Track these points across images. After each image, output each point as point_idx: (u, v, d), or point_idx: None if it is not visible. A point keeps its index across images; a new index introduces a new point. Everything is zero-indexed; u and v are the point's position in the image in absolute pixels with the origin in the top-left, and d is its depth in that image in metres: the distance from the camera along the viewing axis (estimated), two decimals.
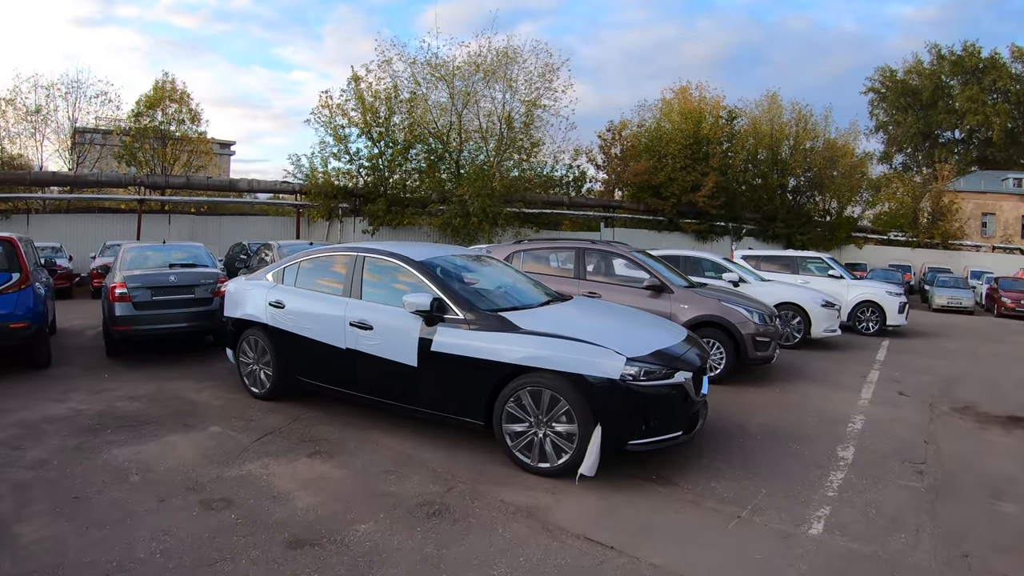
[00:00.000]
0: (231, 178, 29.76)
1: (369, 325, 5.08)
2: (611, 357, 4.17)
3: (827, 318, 10.33)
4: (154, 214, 23.75)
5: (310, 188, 25.04)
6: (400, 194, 25.88)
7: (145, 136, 27.57)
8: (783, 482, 4.56)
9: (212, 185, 27.12)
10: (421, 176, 26.70)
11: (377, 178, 25.75)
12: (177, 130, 28.63)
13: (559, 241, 9.54)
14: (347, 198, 25.63)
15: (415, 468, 4.59)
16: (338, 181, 25.40)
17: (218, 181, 28.07)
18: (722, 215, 30.45)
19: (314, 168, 25.39)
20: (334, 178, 25.40)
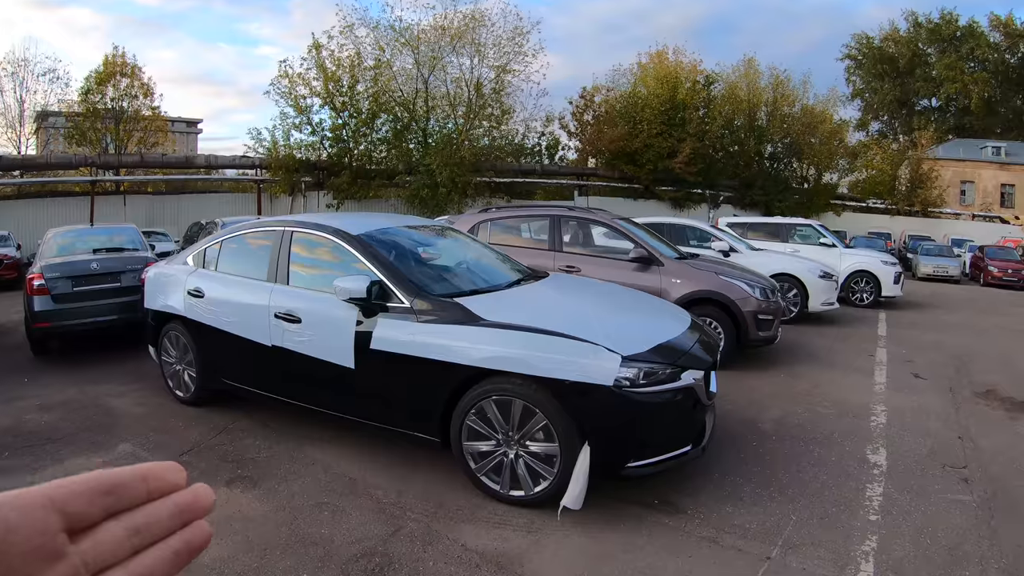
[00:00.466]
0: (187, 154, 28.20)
1: (296, 317, 4.06)
2: (601, 357, 3.20)
3: (825, 290, 9.47)
4: (109, 196, 22.52)
5: (271, 162, 24.01)
6: (366, 166, 25.12)
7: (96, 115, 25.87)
8: (814, 502, 3.69)
9: (168, 163, 25.85)
10: (387, 147, 25.67)
11: (341, 150, 24.94)
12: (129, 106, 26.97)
13: (531, 209, 8.38)
14: (310, 171, 24.70)
15: (357, 499, 3.62)
16: (300, 154, 24.56)
17: (174, 158, 26.74)
18: (699, 182, 29.73)
19: (275, 141, 24.33)
20: (296, 151, 24.41)
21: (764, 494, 3.78)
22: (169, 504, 0.40)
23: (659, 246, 7.22)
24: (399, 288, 3.73)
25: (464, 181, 23.09)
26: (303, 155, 24.54)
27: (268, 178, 24.66)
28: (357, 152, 25.19)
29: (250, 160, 25.09)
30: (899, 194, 34.82)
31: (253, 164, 25.12)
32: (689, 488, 3.77)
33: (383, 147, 26.03)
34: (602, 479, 3.39)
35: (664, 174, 28.81)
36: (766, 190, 31.31)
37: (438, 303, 3.66)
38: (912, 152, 35.86)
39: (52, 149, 26.36)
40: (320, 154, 25.01)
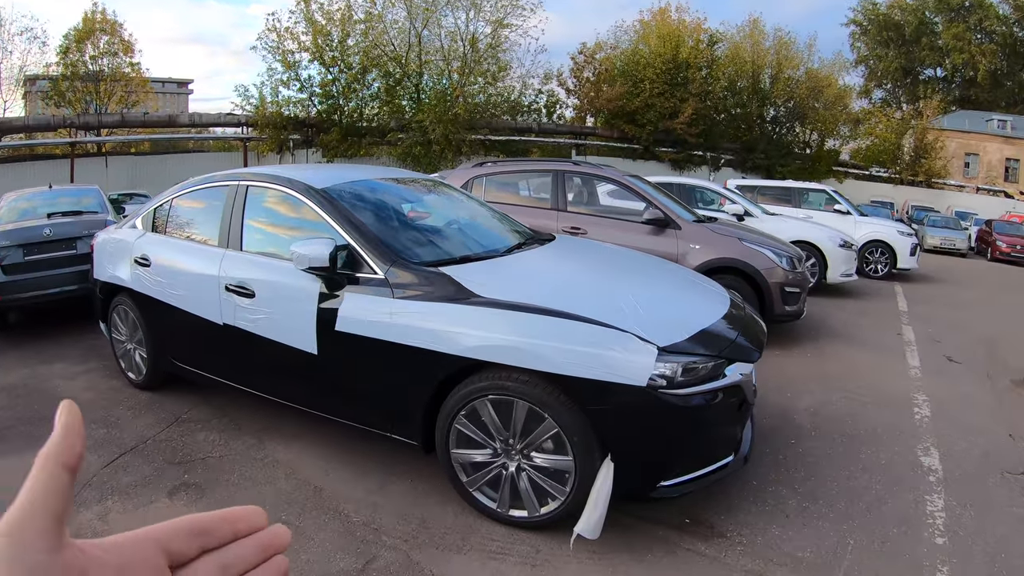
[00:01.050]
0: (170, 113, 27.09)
1: (249, 290, 3.32)
2: (632, 348, 2.48)
3: (845, 260, 8.76)
4: (90, 158, 21.74)
5: (257, 119, 23.25)
6: (356, 123, 24.41)
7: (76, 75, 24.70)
8: (871, 520, 3.07)
9: (150, 122, 24.92)
10: (379, 103, 24.83)
11: (331, 106, 24.32)
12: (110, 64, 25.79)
13: (532, 163, 7.51)
14: (298, 129, 23.99)
15: (322, 516, 2.94)
16: (288, 111, 23.74)
17: (156, 117, 25.73)
18: (700, 144, 29.14)
19: (263, 98, 23.47)
20: (284, 108, 23.56)
21: (813, 509, 3.14)
22: (253, 542, 0.44)
23: (675, 207, 6.46)
24: (371, 254, 2.99)
25: (458, 138, 22.29)
26: (291, 112, 23.96)
27: (255, 136, 23.90)
28: (347, 109, 24.69)
29: (236, 118, 24.59)
30: (903, 163, 34.08)
31: (239, 122, 24.65)
32: (724, 501, 3.12)
33: (375, 104, 25.41)
34: (627, 501, 2.73)
35: (664, 135, 28.11)
36: (768, 154, 30.71)
37: (420, 274, 2.93)
38: (917, 121, 34.99)
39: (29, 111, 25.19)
40: (309, 111, 24.47)
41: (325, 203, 3.23)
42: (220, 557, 0.43)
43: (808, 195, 12.40)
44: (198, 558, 0.42)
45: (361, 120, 24.97)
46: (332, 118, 24.24)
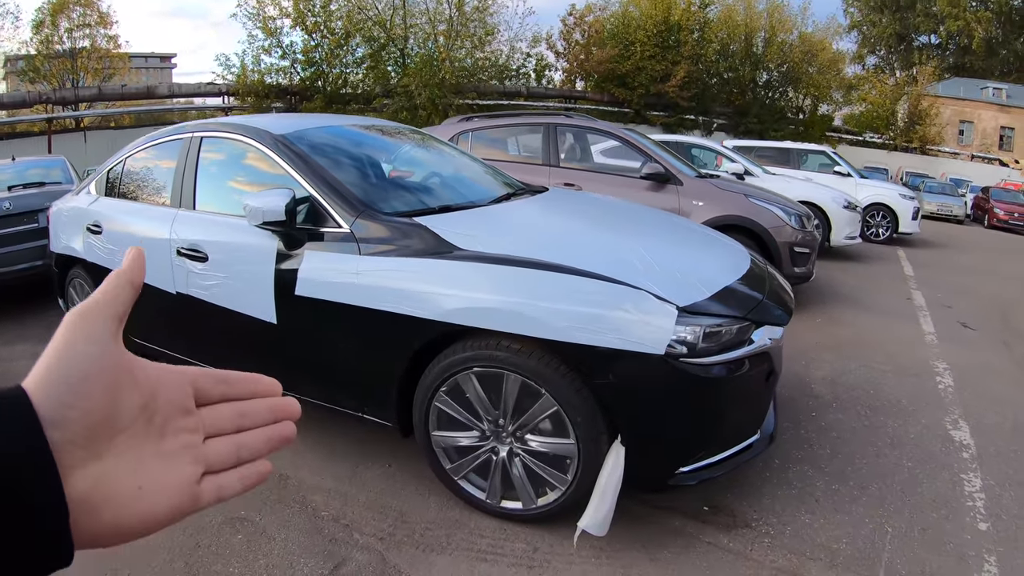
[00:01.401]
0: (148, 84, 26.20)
1: (202, 253, 2.87)
2: (647, 308, 2.05)
3: (849, 222, 8.33)
4: (68, 133, 21.01)
5: (239, 88, 22.61)
6: (340, 90, 23.77)
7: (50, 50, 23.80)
8: (908, 504, 2.73)
9: (128, 94, 24.20)
10: (364, 69, 24.19)
11: (314, 73, 23.89)
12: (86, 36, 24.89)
13: (521, 117, 7.00)
14: (281, 97, 23.42)
15: (287, 510, 2.55)
16: (271, 79, 23.06)
17: (135, 89, 24.95)
18: (692, 108, 28.56)
19: (244, 66, 22.84)
20: (266, 75, 22.97)
21: (844, 492, 2.78)
22: (268, 402, 0.47)
23: (675, 162, 6.02)
24: (335, 205, 2.54)
25: (445, 103, 21.68)
26: (273, 80, 23.41)
27: (237, 106, 23.30)
28: (331, 75, 24.15)
29: (217, 87, 24.06)
30: (897, 129, 33.64)
31: (220, 91, 24.06)
32: (746, 484, 2.76)
33: (359, 70, 24.87)
34: (640, 491, 2.35)
35: (656, 98, 27.56)
36: (761, 119, 30.24)
37: (392, 225, 2.48)
38: (911, 87, 34.46)
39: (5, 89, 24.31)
40: (292, 78, 23.90)
41: (284, 150, 2.76)
42: (237, 407, 0.45)
43: (807, 156, 11.97)
44: (219, 403, 0.45)
45: (345, 87, 24.46)
46: (315, 85, 23.78)
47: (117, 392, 0.38)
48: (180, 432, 0.42)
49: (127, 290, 0.41)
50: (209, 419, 0.44)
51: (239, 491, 0.44)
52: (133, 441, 0.39)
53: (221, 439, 0.44)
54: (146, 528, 0.39)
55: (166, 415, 0.41)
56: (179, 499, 0.41)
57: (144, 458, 0.39)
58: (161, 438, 0.41)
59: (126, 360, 0.39)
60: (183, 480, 0.41)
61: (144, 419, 0.40)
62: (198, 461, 0.42)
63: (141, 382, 0.40)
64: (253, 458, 0.45)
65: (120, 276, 0.41)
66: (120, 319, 0.40)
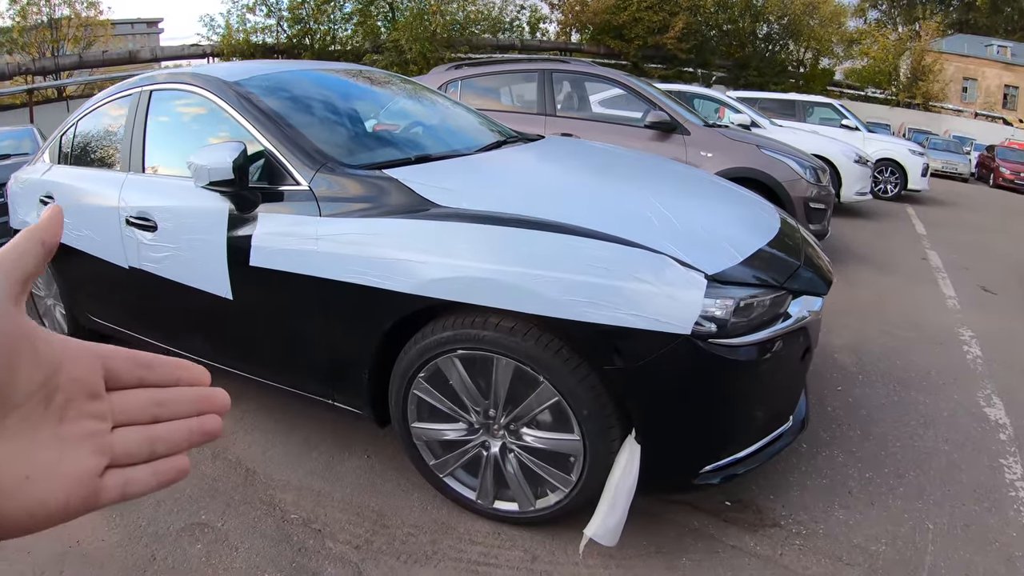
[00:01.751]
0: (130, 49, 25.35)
1: (151, 222, 2.48)
2: (670, 277, 1.67)
3: (860, 177, 7.89)
4: (50, 104, 20.43)
5: (223, 49, 21.98)
6: (329, 47, 23.12)
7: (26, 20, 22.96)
8: (947, 494, 2.44)
9: (109, 60, 23.61)
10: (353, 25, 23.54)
11: (301, 31, 23.16)
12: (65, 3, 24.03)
13: (515, 64, 6.46)
14: (267, 56, 22.78)
15: (252, 512, 2.22)
16: (257, 38, 22.26)
17: (116, 54, 24.32)
18: (691, 60, 27.80)
19: (229, 26, 22.20)
20: (252, 35, 22.24)
21: (879, 481, 2.48)
22: (192, 392, 0.41)
23: (682, 110, 5.59)
24: (292, 158, 2.13)
25: (436, 57, 20.95)
26: (259, 39, 22.83)
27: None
28: (319, 32, 23.45)
29: (201, 49, 23.59)
30: (899, 85, 32.92)
31: (204, 53, 23.54)
32: (771, 473, 2.45)
33: (347, 26, 24.27)
34: (661, 493, 2.03)
35: (654, 51, 26.82)
36: (761, 72, 29.59)
37: (357, 180, 2.09)
38: (914, 43, 33.61)
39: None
40: (278, 37, 23.33)
41: (237, 98, 2.35)
42: (156, 393, 0.40)
43: (812, 109, 11.46)
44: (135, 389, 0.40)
45: (334, 43, 23.77)
46: (303, 43, 23.08)
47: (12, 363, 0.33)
48: (83, 417, 0.36)
49: (36, 249, 0.36)
50: (120, 406, 0.38)
51: (151, 488, 0.39)
52: (25, 423, 0.33)
53: (132, 429, 0.38)
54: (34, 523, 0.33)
55: (68, 396, 0.36)
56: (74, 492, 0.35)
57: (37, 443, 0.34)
58: (60, 422, 0.35)
59: (26, 328, 0.34)
60: (81, 471, 0.35)
61: (42, 398, 0.34)
62: (102, 452, 0.36)
63: (42, 355, 0.34)
64: (170, 452, 0.39)
65: (31, 232, 0.36)
66: (25, 281, 0.35)
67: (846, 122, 10.86)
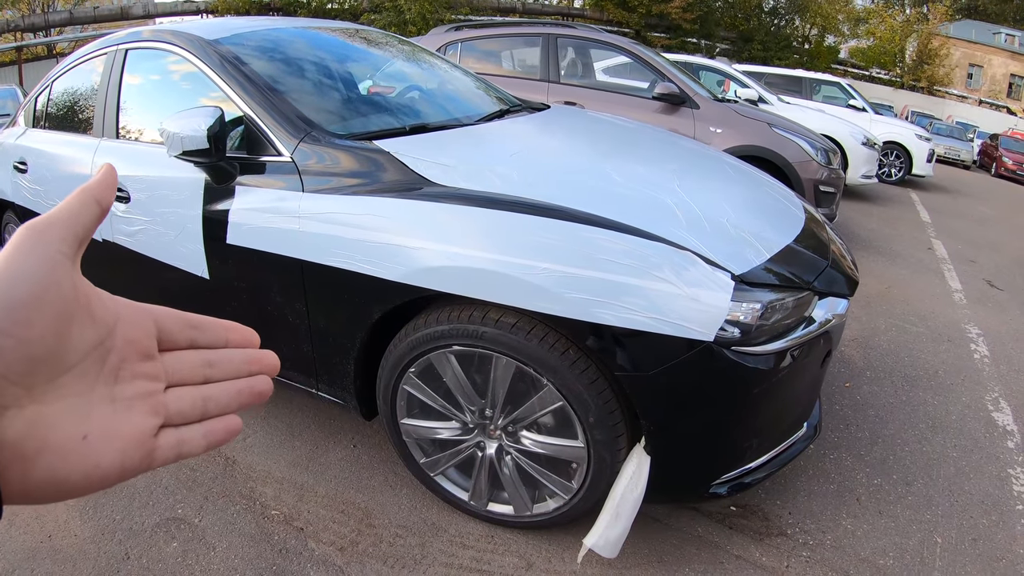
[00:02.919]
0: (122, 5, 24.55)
1: (124, 192, 2.28)
2: (694, 277, 1.50)
3: (867, 160, 7.71)
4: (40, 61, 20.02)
5: (218, 5, 21.37)
6: (326, 5, 22.48)
7: None
8: (956, 506, 2.35)
9: (100, 16, 22.96)
10: None
11: None
12: None
13: (518, 27, 6.16)
14: (263, 13, 22.01)
15: (230, 507, 2.09)
16: None
17: (107, 10, 23.58)
18: (695, 31, 27.23)
19: None
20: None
21: (888, 488, 2.38)
22: (242, 353, 0.41)
23: (691, 83, 5.37)
24: (275, 126, 1.94)
25: (436, 18, 20.46)
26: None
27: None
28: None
29: (195, 5, 22.97)
30: (905, 67, 32.47)
31: (198, 10, 22.97)
32: (779, 477, 2.34)
33: None
34: (668, 503, 1.91)
35: (657, 19, 26.27)
36: (766, 46, 29.18)
37: (345, 152, 1.88)
38: (922, 25, 33.05)
39: None
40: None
41: (216, 58, 2.15)
42: (207, 355, 0.39)
43: (820, 87, 11.21)
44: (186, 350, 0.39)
45: (331, 2, 23.13)
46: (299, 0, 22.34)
47: (67, 324, 0.32)
48: (137, 378, 0.36)
49: (92, 208, 0.34)
50: (173, 366, 0.38)
51: (203, 449, 0.38)
52: (82, 383, 0.33)
53: (185, 389, 0.38)
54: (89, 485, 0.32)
55: (123, 356, 0.35)
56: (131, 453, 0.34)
57: (93, 403, 0.33)
58: (114, 383, 0.34)
59: (82, 288, 0.33)
60: (137, 432, 0.34)
61: (97, 359, 0.34)
62: (157, 412, 0.36)
63: (98, 316, 0.34)
64: (221, 413, 0.39)
65: (86, 191, 0.35)
66: (81, 240, 0.33)
67: (853, 102, 10.65)
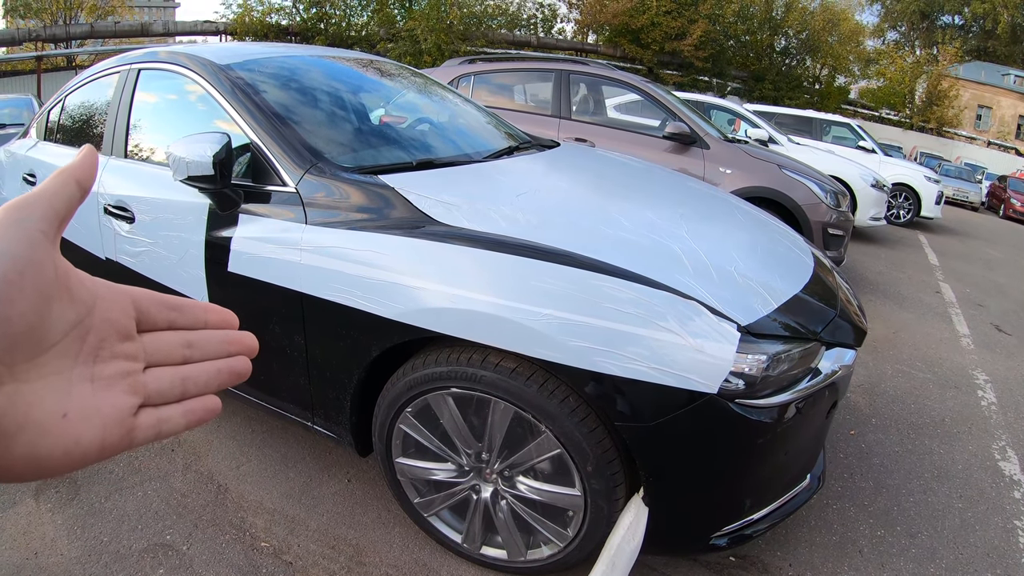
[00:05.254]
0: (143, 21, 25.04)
1: (129, 213, 2.29)
2: (699, 328, 1.47)
3: (876, 202, 7.68)
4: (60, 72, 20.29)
5: (236, 27, 21.69)
6: (344, 32, 22.79)
7: None
8: (961, 559, 2.29)
9: (121, 32, 23.34)
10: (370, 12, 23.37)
11: (317, 14, 22.90)
12: None
13: (531, 62, 6.22)
14: (281, 38, 22.59)
15: (219, 535, 2.06)
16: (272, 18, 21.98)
17: (128, 26, 24.05)
18: (707, 69, 27.38)
19: (247, 5, 21.80)
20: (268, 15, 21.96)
21: (891, 540, 2.31)
22: (221, 335, 0.41)
23: (702, 122, 5.38)
24: (281, 156, 1.93)
25: (451, 49, 20.69)
26: (274, 19, 22.55)
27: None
28: (334, 16, 23.29)
29: (215, 26, 23.30)
30: (914, 108, 32.66)
31: (218, 30, 23.23)
32: (780, 525, 2.27)
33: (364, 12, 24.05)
34: (667, 555, 1.86)
35: (670, 57, 26.45)
36: (777, 85, 29.28)
37: (350, 185, 1.86)
38: (931, 67, 33.32)
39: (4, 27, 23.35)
40: (294, 19, 23.07)
41: (226, 84, 2.16)
42: (186, 335, 0.40)
43: (830, 128, 11.26)
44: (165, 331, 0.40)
45: (349, 29, 23.47)
46: (317, 27, 22.78)
47: (47, 302, 0.32)
48: (116, 357, 0.36)
49: (72, 188, 0.35)
50: (152, 347, 0.38)
51: (183, 427, 0.38)
52: (61, 362, 0.33)
53: (164, 369, 0.38)
54: (70, 462, 0.33)
55: (102, 336, 0.36)
56: (111, 431, 0.35)
57: (72, 382, 0.33)
58: (94, 362, 0.35)
59: (61, 267, 0.33)
60: (117, 410, 0.35)
61: (76, 337, 0.34)
62: (136, 391, 0.36)
63: (76, 295, 0.34)
64: (200, 393, 0.39)
65: (65, 172, 0.35)
66: (61, 220, 0.34)
67: (863, 143, 10.67)
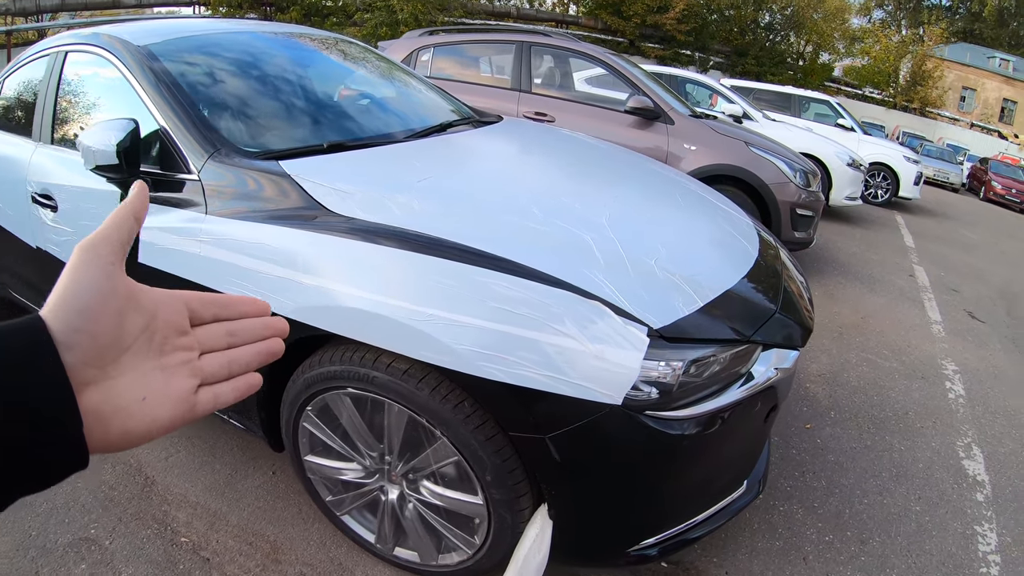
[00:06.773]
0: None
1: (52, 201, 2.12)
2: (602, 332, 1.30)
3: (852, 181, 7.55)
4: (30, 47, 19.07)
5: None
6: (319, 3, 22.20)
7: None
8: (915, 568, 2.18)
9: (92, 3, 22.25)
10: None
11: None
12: None
13: (493, 33, 5.92)
14: (255, 6, 21.73)
15: (142, 530, 1.92)
16: None
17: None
18: (689, 43, 27.00)
19: None
20: None
21: (839, 547, 2.20)
22: (258, 322, 0.49)
23: (668, 97, 5.16)
24: (187, 141, 1.77)
25: (429, 20, 20.12)
26: None
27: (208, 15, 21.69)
28: None
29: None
30: (898, 87, 32.58)
31: (191, 1, 22.13)
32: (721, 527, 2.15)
33: None
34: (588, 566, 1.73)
35: (652, 30, 25.98)
36: (760, 61, 28.95)
37: (246, 172, 1.70)
38: (917, 47, 33.20)
39: None
40: None
41: (139, 65, 1.98)
42: (229, 325, 0.47)
43: (809, 105, 11.10)
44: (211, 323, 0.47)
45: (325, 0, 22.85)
46: None
47: (122, 316, 0.40)
48: (177, 349, 0.43)
49: (130, 222, 0.43)
50: (203, 337, 0.46)
51: (233, 399, 0.46)
52: (136, 358, 0.41)
53: (214, 354, 0.46)
54: (151, 433, 0.41)
55: (165, 334, 0.43)
56: (179, 407, 0.42)
57: (146, 373, 0.41)
58: (161, 355, 0.42)
59: (129, 286, 0.41)
60: (182, 390, 0.43)
61: (146, 338, 0.41)
62: (194, 374, 0.44)
63: (142, 305, 0.42)
64: (243, 371, 0.47)
65: (124, 209, 0.43)
66: (124, 249, 0.41)
67: (842, 121, 10.53)
